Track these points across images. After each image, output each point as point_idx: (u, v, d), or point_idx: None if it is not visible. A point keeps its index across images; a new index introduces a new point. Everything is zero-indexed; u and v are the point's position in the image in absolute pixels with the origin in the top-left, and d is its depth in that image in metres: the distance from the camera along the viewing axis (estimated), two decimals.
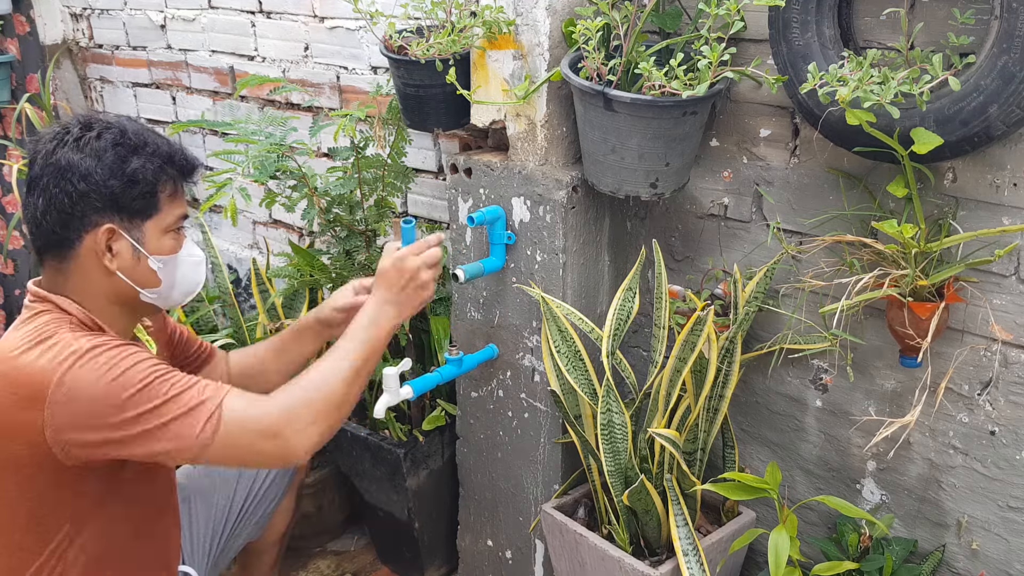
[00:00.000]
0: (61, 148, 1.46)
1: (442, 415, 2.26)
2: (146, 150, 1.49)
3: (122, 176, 1.46)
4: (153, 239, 1.51)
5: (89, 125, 1.49)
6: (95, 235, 1.46)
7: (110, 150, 1.46)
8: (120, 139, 1.47)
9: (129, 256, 1.49)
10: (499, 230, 1.94)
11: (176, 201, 1.54)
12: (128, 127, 1.50)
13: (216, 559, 1.91)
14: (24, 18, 3.52)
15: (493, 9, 1.81)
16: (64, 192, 1.44)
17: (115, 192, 1.45)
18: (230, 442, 1.41)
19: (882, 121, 1.42)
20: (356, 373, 1.53)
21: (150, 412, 1.37)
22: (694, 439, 1.82)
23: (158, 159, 1.50)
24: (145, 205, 1.49)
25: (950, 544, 1.72)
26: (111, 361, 1.38)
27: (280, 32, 2.73)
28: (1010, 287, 1.54)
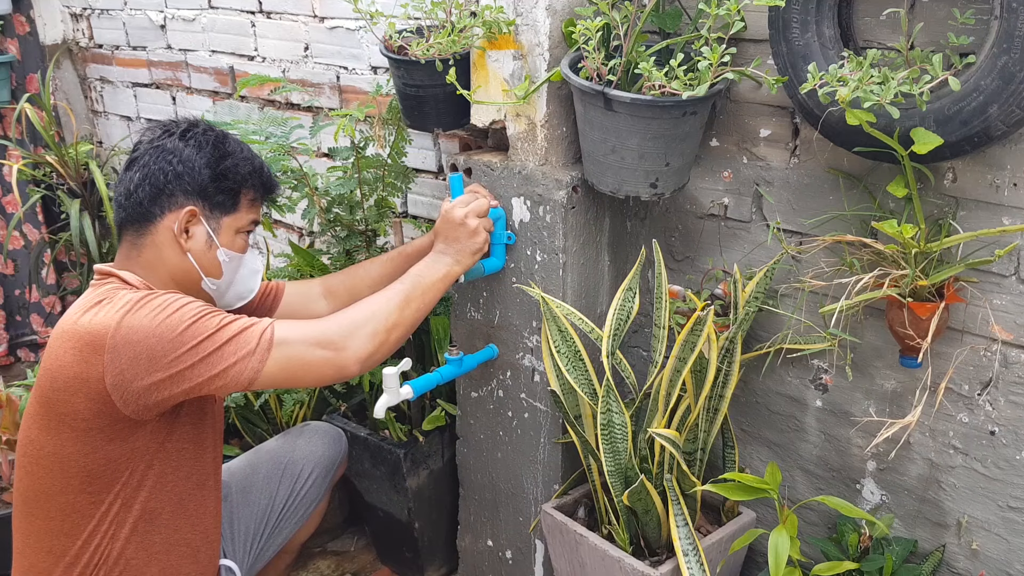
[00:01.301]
0: (167, 136, 1.61)
1: (442, 415, 2.26)
2: (241, 155, 1.64)
3: (215, 168, 1.60)
4: (227, 234, 1.64)
5: (196, 124, 1.65)
6: (178, 214, 1.58)
7: (210, 146, 1.61)
8: (222, 140, 1.63)
9: (203, 241, 1.61)
10: (499, 230, 1.94)
11: (254, 207, 1.68)
12: (230, 135, 1.67)
13: (256, 557, 1.93)
14: (24, 18, 3.53)
15: (493, 9, 1.81)
16: (162, 169, 1.57)
17: (205, 180, 1.59)
18: (285, 354, 1.50)
19: (882, 121, 1.42)
20: (407, 301, 1.65)
21: (206, 339, 1.46)
22: (694, 439, 1.82)
23: (250, 166, 1.65)
24: (227, 201, 1.62)
25: (950, 544, 1.72)
26: (163, 304, 1.47)
27: (280, 32, 2.73)
28: (1010, 287, 1.54)
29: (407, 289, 1.67)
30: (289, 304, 1.93)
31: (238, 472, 1.95)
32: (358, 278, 1.97)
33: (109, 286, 1.54)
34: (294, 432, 2.09)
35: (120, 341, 1.43)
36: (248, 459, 2.00)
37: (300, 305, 1.94)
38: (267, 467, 1.97)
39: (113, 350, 1.42)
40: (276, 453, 2.01)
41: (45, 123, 3.37)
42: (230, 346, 1.47)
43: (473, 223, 1.77)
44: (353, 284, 1.97)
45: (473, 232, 1.78)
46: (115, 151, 3.51)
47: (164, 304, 1.47)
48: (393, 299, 1.64)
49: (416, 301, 1.67)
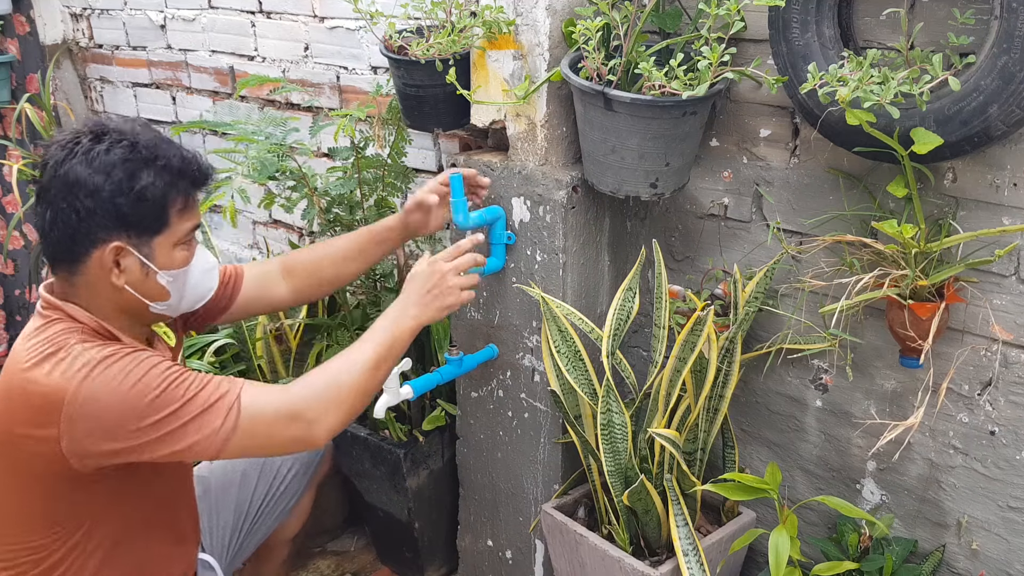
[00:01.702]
0: (70, 160, 1.42)
1: (442, 415, 2.26)
2: (157, 164, 1.45)
3: (130, 193, 1.42)
4: (163, 254, 1.49)
5: (100, 136, 1.44)
6: (102, 251, 1.44)
7: (119, 166, 1.42)
8: (130, 153, 1.43)
9: (138, 271, 1.47)
10: (499, 230, 1.94)
11: (187, 214, 1.51)
12: (141, 138, 1.46)
13: (236, 552, 1.94)
14: (24, 18, 3.53)
15: (493, 9, 1.81)
16: (71, 208, 1.41)
17: (123, 210, 1.42)
18: (251, 430, 1.43)
19: (882, 121, 1.42)
20: (376, 365, 1.57)
21: (170, 415, 1.38)
22: (694, 439, 1.82)
23: (169, 174, 1.46)
24: (154, 222, 1.46)
25: (950, 544, 1.72)
26: (125, 369, 1.38)
27: (280, 32, 2.73)
28: (1010, 287, 1.54)
29: (379, 351, 1.57)
30: (249, 290, 1.85)
31: (218, 468, 1.95)
32: (321, 256, 1.91)
33: (58, 327, 1.44)
34: None
35: (78, 411, 1.35)
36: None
37: (259, 289, 1.86)
38: (246, 462, 1.96)
39: (69, 419, 1.35)
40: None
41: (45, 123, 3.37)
42: (195, 423, 1.39)
43: (453, 281, 1.68)
44: (315, 262, 1.90)
45: (450, 290, 1.68)
46: None
47: (126, 370, 1.38)
48: (366, 363, 1.55)
49: (387, 363, 1.60)
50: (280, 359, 2.52)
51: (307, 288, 1.92)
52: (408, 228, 1.89)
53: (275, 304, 1.92)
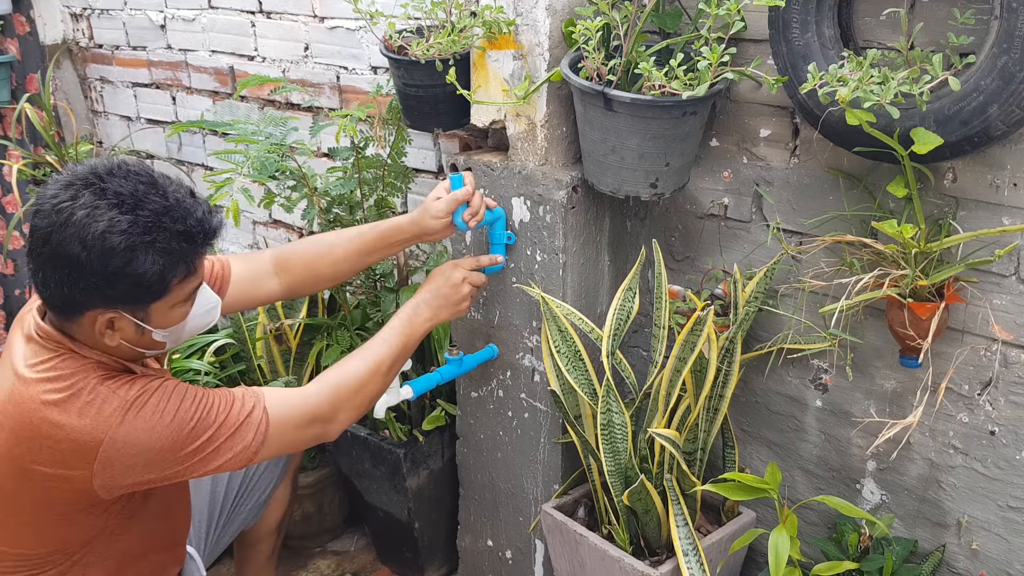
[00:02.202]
0: (64, 230, 1.32)
1: (442, 415, 2.26)
2: (158, 244, 1.35)
3: (127, 278, 1.35)
4: (160, 315, 1.44)
5: (95, 205, 1.33)
6: (96, 316, 1.39)
7: (116, 251, 1.32)
8: (128, 237, 1.33)
9: (132, 331, 1.44)
10: (499, 230, 1.94)
11: (190, 279, 1.44)
12: (142, 210, 1.34)
13: (214, 543, 1.95)
14: (24, 18, 3.53)
15: (493, 9, 1.81)
16: (63, 281, 1.36)
17: (118, 291, 1.37)
18: (278, 438, 1.51)
19: (882, 121, 1.42)
20: (389, 366, 1.66)
21: (207, 441, 1.43)
22: (694, 439, 1.82)
23: (171, 253, 1.37)
24: (152, 295, 1.40)
25: (950, 544, 1.72)
26: (158, 409, 1.41)
27: (280, 32, 2.73)
28: (1010, 287, 1.54)
29: (393, 351, 1.65)
30: (237, 286, 1.78)
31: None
32: (319, 255, 1.84)
33: (71, 363, 1.41)
34: None
35: (116, 454, 1.37)
36: None
37: (249, 284, 1.81)
38: None
39: (106, 462, 1.37)
40: None
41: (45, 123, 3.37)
42: (228, 443, 1.45)
43: (466, 290, 1.77)
44: (312, 261, 1.84)
45: (464, 299, 1.78)
46: (115, 151, 3.51)
47: (160, 410, 1.39)
48: (380, 363, 1.64)
49: (399, 362, 1.68)
50: (280, 359, 2.52)
51: (302, 285, 1.87)
52: (421, 230, 1.81)
53: (264, 300, 1.88)
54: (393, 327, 1.68)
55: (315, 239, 1.89)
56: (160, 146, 3.41)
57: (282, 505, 2.10)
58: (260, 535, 2.09)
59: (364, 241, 1.84)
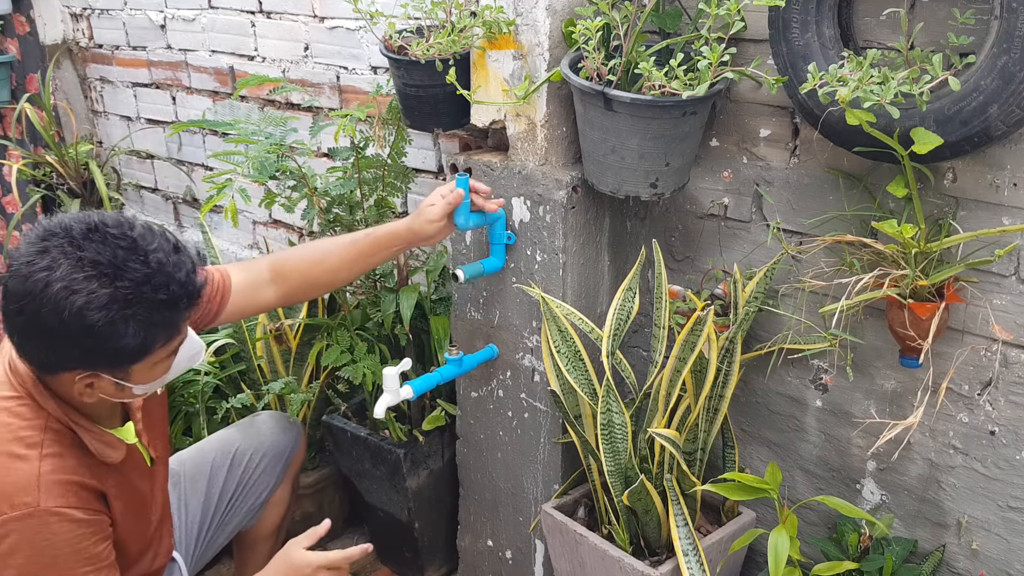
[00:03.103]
0: (38, 300, 1.25)
1: (442, 415, 2.26)
2: (141, 311, 1.29)
3: (107, 347, 1.29)
4: (141, 374, 1.39)
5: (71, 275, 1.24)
6: (74, 375, 1.35)
7: (95, 327, 1.26)
8: (107, 309, 1.26)
9: (112, 389, 1.39)
10: (499, 230, 1.94)
11: (172, 341, 1.38)
12: (122, 277, 1.27)
13: (205, 546, 1.94)
14: (24, 18, 3.53)
15: (493, 9, 1.81)
16: (42, 348, 1.32)
17: (98, 359, 1.32)
18: None
19: (882, 121, 1.42)
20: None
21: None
22: (694, 439, 1.82)
23: (153, 324, 1.31)
24: (133, 358, 1.35)
25: (950, 544, 1.72)
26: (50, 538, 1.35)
27: (280, 32, 2.73)
28: (1010, 287, 1.54)
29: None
30: (237, 296, 1.73)
31: (188, 460, 1.95)
32: (314, 262, 1.80)
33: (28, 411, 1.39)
34: (245, 421, 2.09)
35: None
36: (199, 447, 2.01)
37: (248, 293, 1.75)
38: (216, 455, 1.96)
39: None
40: (225, 441, 2.01)
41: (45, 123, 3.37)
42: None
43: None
44: (308, 269, 1.80)
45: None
46: (115, 151, 3.51)
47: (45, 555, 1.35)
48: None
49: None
50: (280, 359, 2.52)
51: (297, 292, 1.84)
52: (417, 235, 1.78)
53: (261, 309, 1.85)
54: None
55: (310, 246, 1.85)
56: (160, 146, 3.41)
57: (281, 507, 2.10)
58: (259, 536, 2.09)
59: (359, 248, 1.79)
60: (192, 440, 2.45)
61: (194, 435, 2.44)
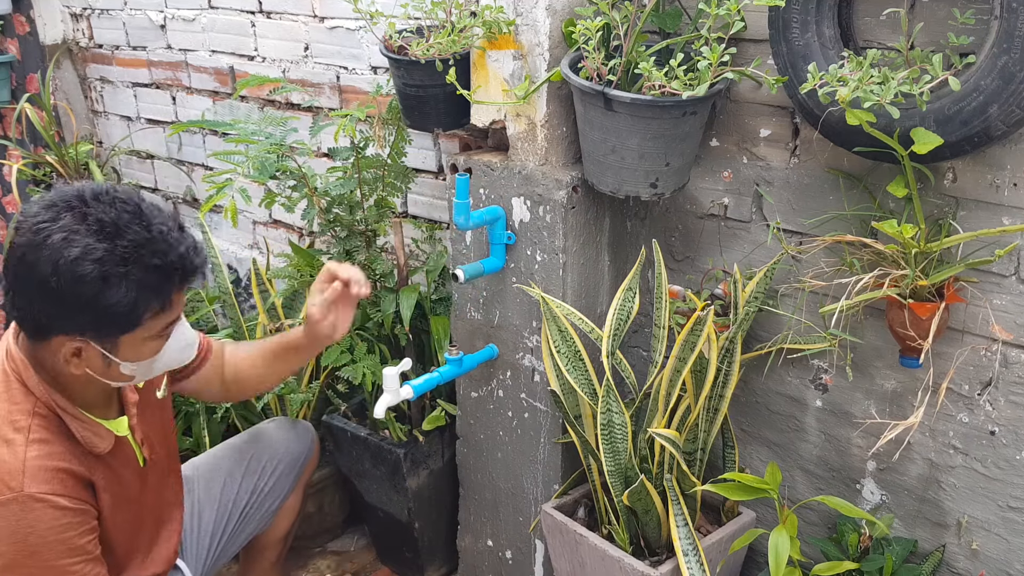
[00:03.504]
0: (38, 250, 1.28)
1: (442, 415, 2.26)
2: (131, 276, 1.31)
3: (96, 308, 1.30)
4: (129, 348, 1.40)
5: (74, 230, 1.28)
6: (63, 342, 1.36)
7: (89, 280, 1.28)
8: (103, 265, 1.28)
9: (99, 362, 1.40)
10: (499, 230, 1.94)
11: (164, 314, 1.39)
12: (120, 240, 1.30)
13: (219, 552, 1.92)
14: (24, 18, 3.53)
15: (493, 9, 1.81)
16: (31, 303, 1.33)
17: (85, 321, 1.33)
18: None
19: (882, 121, 1.42)
20: None
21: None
22: (694, 439, 1.82)
23: (146, 286, 1.33)
24: (122, 326, 1.35)
25: (950, 544, 1.72)
26: (32, 524, 1.34)
27: (280, 32, 2.73)
28: (1010, 287, 1.54)
29: None
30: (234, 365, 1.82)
31: (203, 467, 1.95)
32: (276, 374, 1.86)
33: (19, 395, 1.40)
34: (259, 428, 2.08)
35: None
36: (213, 454, 2.00)
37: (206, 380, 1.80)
38: (231, 462, 1.96)
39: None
40: (240, 448, 2.00)
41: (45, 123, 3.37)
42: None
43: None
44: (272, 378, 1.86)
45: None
46: (115, 151, 3.51)
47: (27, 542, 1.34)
48: None
49: None
50: None
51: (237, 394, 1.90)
52: (313, 338, 1.73)
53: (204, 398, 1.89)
54: None
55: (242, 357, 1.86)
56: (160, 146, 3.41)
57: (292, 514, 2.09)
58: (268, 542, 2.09)
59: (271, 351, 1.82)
60: (193, 440, 2.45)
61: (194, 435, 2.44)
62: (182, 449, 2.45)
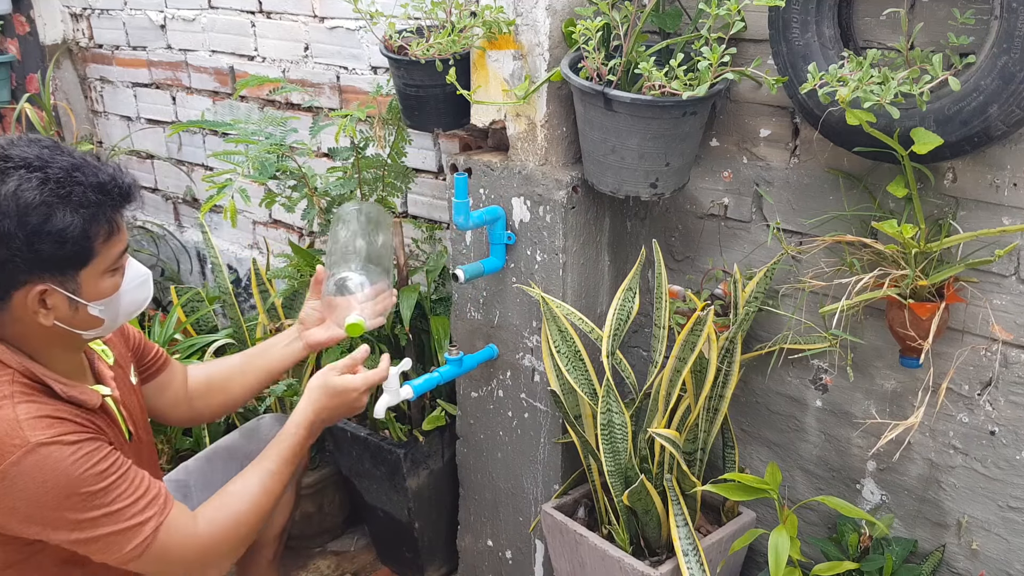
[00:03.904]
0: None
1: (442, 415, 2.26)
2: (73, 198, 1.33)
3: (48, 237, 1.31)
4: (90, 285, 1.41)
5: (3, 170, 1.31)
6: (26, 293, 1.36)
7: (31, 208, 1.30)
8: (41, 192, 1.30)
9: (66, 307, 1.40)
10: (499, 230, 1.94)
11: (113, 240, 1.41)
12: (51, 168, 1.33)
13: None
14: (24, 18, 3.53)
15: (493, 9, 1.81)
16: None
17: (42, 255, 1.33)
18: (151, 565, 1.45)
19: (882, 121, 1.42)
20: (281, 487, 1.62)
21: (89, 522, 1.37)
22: (694, 439, 1.82)
23: (87, 207, 1.35)
24: (78, 258, 1.37)
25: (950, 544, 1.72)
26: (54, 466, 1.34)
27: (280, 32, 2.73)
28: (1010, 287, 1.54)
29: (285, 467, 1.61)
30: (205, 374, 1.88)
31: (196, 470, 1.94)
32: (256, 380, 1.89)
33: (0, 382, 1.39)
34: (249, 426, 2.08)
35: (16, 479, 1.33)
36: (206, 456, 1.99)
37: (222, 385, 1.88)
38: (224, 462, 1.95)
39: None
40: (233, 448, 2.00)
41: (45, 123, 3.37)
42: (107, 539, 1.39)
43: (364, 400, 1.70)
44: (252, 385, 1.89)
45: (360, 407, 1.70)
46: (115, 151, 3.51)
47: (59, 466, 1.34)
48: (269, 493, 1.58)
49: (289, 476, 1.64)
50: None
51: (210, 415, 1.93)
52: (309, 346, 1.86)
53: (169, 421, 1.89)
54: (281, 449, 1.63)
55: (213, 364, 1.91)
56: (160, 146, 3.41)
57: (285, 511, 2.09)
58: (263, 541, 2.08)
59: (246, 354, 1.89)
60: (192, 440, 2.45)
61: (194, 435, 2.44)
62: (182, 449, 2.45)
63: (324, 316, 1.84)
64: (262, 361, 1.88)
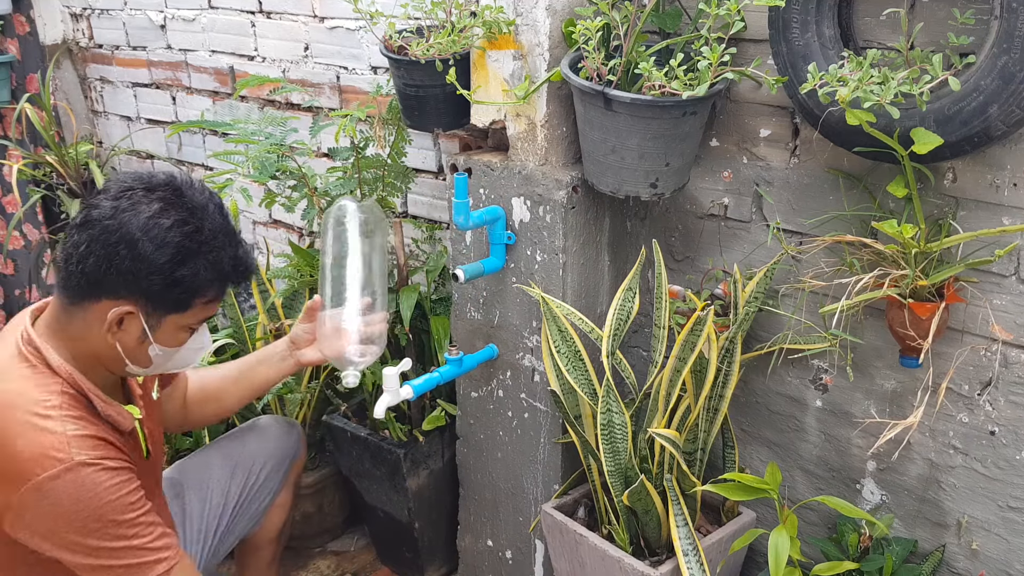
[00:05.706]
0: (130, 212, 1.38)
1: (442, 415, 2.26)
2: (208, 257, 1.43)
3: (169, 276, 1.40)
4: (167, 331, 1.48)
5: (170, 205, 1.40)
6: (114, 305, 1.42)
7: (172, 247, 1.39)
8: (189, 240, 1.40)
9: (135, 338, 1.46)
10: (499, 230, 1.94)
11: (210, 307, 1.50)
12: (206, 225, 1.43)
13: (212, 553, 1.92)
14: (24, 18, 3.53)
15: (493, 9, 1.81)
16: (109, 257, 1.38)
17: (153, 287, 1.41)
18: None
19: (882, 121, 1.42)
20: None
21: (107, 551, 1.41)
22: (694, 439, 1.82)
23: (215, 271, 1.44)
24: (177, 304, 1.45)
25: (950, 544, 1.72)
26: (91, 488, 1.38)
27: (280, 32, 2.73)
28: (1010, 287, 1.54)
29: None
30: (201, 381, 1.89)
31: (191, 469, 1.95)
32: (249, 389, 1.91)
33: (46, 379, 1.43)
34: (245, 427, 2.08)
35: (31, 501, 1.36)
36: (201, 456, 2.00)
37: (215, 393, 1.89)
38: (219, 463, 1.96)
39: (23, 504, 1.36)
40: (228, 449, 2.01)
41: (45, 123, 3.37)
42: (122, 571, 1.42)
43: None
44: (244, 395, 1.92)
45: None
46: (115, 151, 3.51)
47: (91, 490, 1.38)
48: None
49: None
50: None
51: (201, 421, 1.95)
52: (300, 364, 1.87)
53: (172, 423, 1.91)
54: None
55: (209, 371, 1.93)
56: (160, 146, 3.41)
57: (283, 511, 2.09)
58: (261, 541, 2.09)
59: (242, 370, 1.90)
60: (192, 440, 2.45)
61: (194, 435, 2.44)
62: (182, 449, 2.45)
63: (315, 340, 1.84)
64: (255, 375, 1.89)
